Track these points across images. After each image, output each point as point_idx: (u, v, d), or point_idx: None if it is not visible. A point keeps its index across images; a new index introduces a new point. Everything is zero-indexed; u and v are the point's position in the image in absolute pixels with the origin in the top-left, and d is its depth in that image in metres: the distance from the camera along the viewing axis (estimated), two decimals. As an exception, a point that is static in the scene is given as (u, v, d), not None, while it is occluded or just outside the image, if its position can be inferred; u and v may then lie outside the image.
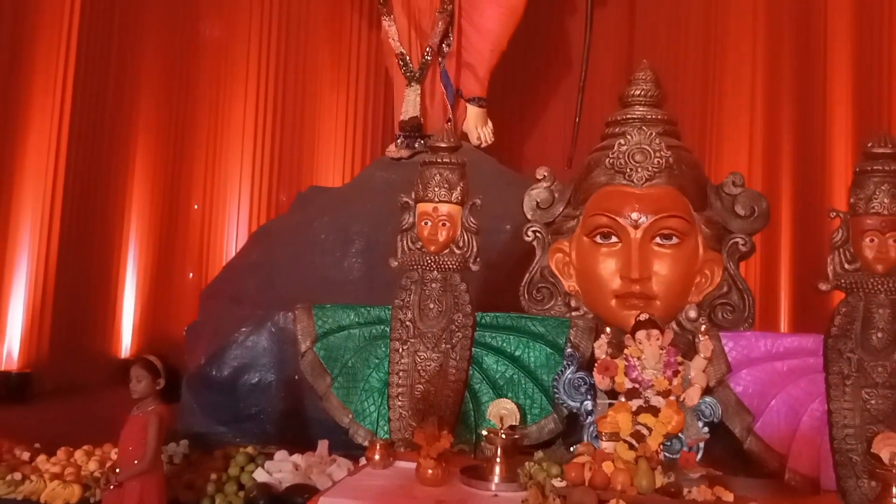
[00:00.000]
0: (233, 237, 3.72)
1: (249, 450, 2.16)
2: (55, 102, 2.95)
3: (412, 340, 1.72)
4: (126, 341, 3.38)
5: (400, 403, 1.70)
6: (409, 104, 3.08)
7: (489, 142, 3.18)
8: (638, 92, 1.89)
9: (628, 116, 1.87)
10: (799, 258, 2.97)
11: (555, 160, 3.55)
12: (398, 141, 3.15)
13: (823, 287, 1.55)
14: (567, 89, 3.79)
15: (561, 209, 1.94)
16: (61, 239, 2.98)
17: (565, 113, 3.74)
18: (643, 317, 1.53)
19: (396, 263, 1.78)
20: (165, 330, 3.51)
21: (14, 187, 2.85)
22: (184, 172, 3.69)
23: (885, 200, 1.50)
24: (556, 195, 1.96)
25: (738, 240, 1.81)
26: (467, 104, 3.16)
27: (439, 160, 1.76)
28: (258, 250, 2.95)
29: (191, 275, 3.72)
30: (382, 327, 1.79)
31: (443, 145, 1.78)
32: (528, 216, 1.98)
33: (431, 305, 1.72)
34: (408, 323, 1.73)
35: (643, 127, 1.82)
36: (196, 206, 3.75)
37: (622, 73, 3.59)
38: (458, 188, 1.75)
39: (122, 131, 3.39)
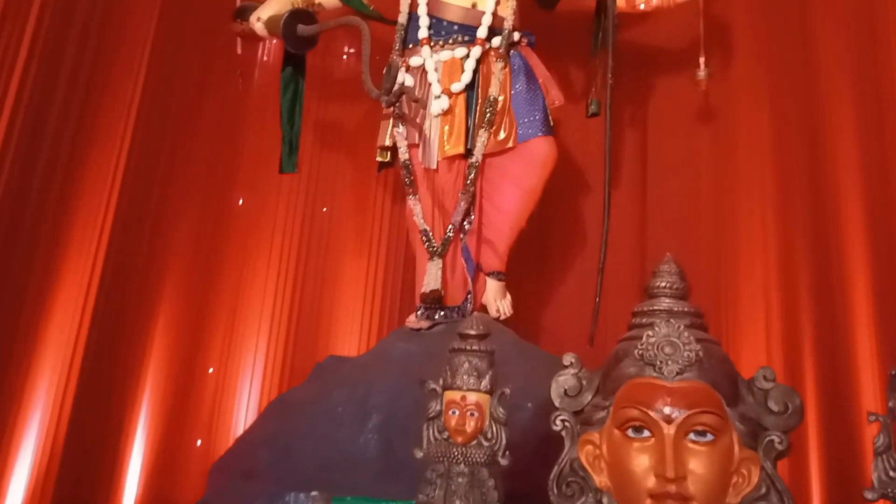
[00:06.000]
0: (244, 405, 3.66)
1: None
2: (86, 267, 3.04)
3: (437, 540, 1.64)
4: (128, 514, 3.24)
5: None
6: (430, 277, 3.14)
7: (508, 314, 3.23)
8: (663, 284, 1.92)
9: (655, 308, 1.89)
10: (828, 456, 2.88)
11: (570, 333, 3.59)
12: (418, 312, 3.19)
13: (870, 496, 1.50)
14: (581, 263, 3.88)
15: (589, 398, 1.91)
16: (74, 405, 2.94)
17: (579, 286, 3.80)
18: (683, 524, 1.46)
19: (422, 454, 1.74)
20: (170, 503, 3.36)
21: (35, 355, 2.86)
22: (203, 337, 3.70)
23: (925, 406, 1.49)
24: (584, 383, 1.93)
25: (773, 438, 1.76)
26: (487, 278, 3.23)
27: (468, 347, 1.77)
28: (273, 422, 2.89)
29: (199, 442, 3.61)
30: (405, 524, 1.71)
31: (472, 332, 1.80)
32: (556, 404, 1.94)
33: (458, 502, 1.66)
34: (433, 521, 1.66)
35: (671, 319, 1.83)
36: (211, 370, 3.72)
37: (636, 255, 3.70)
38: (488, 376, 1.74)
39: (149, 292, 3.45)
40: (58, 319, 2.96)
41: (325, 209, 4.02)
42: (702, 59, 3.31)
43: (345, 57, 4.16)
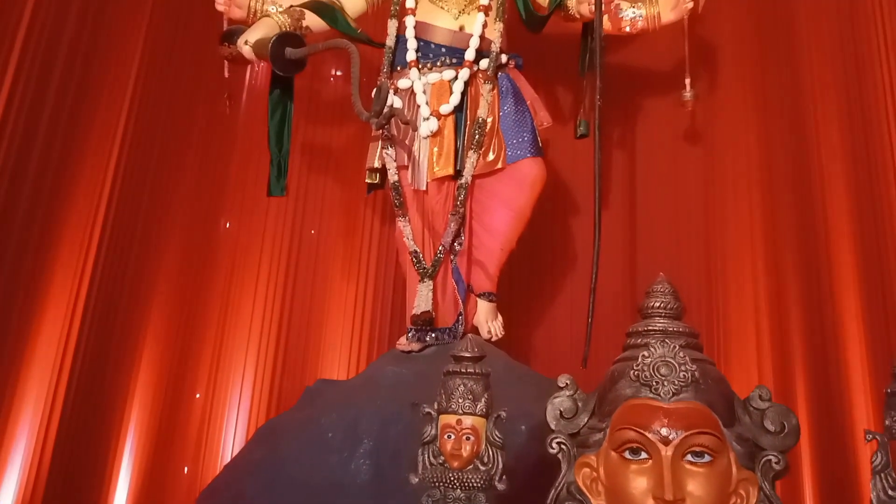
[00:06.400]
0: (231, 431, 3.60)
1: None
2: (72, 289, 3.00)
3: (434, 568, 1.60)
4: (112, 545, 3.16)
5: None
6: (421, 299, 3.13)
7: (499, 335, 3.21)
8: (657, 304, 1.91)
9: (650, 328, 1.88)
10: (822, 475, 2.87)
11: (562, 354, 3.57)
12: (409, 334, 3.17)
13: (870, 516, 1.49)
14: (572, 284, 3.88)
15: (585, 420, 1.89)
16: (59, 431, 2.88)
17: (571, 307, 3.79)
18: (684, 548, 1.44)
19: (417, 480, 1.71)
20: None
21: (18, 381, 2.81)
22: (190, 361, 3.64)
23: (923, 423, 1.48)
24: (580, 405, 1.92)
25: (771, 458, 1.75)
26: (478, 299, 3.21)
27: (463, 370, 1.75)
28: (262, 448, 2.84)
29: (186, 469, 3.55)
30: (401, 552, 1.68)
31: (467, 355, 1.78)
32: (552, 426, 1.91)
33: (455, 528, 1.63)
34: (429, 548, 1.62)
35: (666, 339, 1.82)
36: (198, 395, 3.67)
37: (627, 275, 3.70)
38: (483, 400, 1.72)
39: (135, 316, 3.40)
40: (42, 343, 2.92)
41: (313, 231, 4.01)
42: (687, 80, 3.34)
43: (332, 79, 4.17)
